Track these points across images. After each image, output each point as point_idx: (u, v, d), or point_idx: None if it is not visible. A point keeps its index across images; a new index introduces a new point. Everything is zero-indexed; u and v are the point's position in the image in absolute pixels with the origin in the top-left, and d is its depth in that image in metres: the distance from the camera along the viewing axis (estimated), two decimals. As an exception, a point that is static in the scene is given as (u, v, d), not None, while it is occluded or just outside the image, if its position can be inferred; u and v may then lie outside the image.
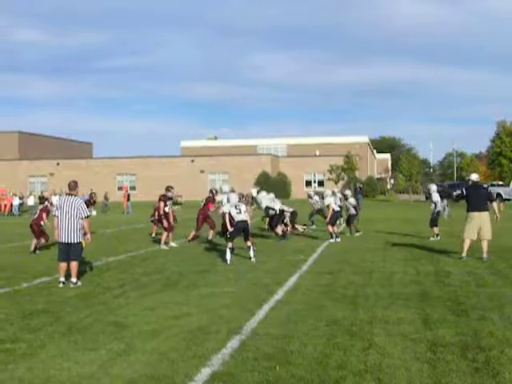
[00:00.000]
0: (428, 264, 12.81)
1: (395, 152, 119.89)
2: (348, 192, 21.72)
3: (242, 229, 13.88)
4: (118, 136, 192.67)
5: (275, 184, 56.18)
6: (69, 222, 10.71)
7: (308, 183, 67.48)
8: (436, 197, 18.97)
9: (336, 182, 60.48)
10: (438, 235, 18.49)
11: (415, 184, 66.38)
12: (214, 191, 20.48)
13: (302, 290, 9.79)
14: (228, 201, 14.96)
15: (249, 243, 13.87)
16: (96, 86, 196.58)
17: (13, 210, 42.65)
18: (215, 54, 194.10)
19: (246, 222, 13.92)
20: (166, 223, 17.15)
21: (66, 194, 11.21)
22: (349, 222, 21.09)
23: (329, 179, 61.59)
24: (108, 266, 13.14)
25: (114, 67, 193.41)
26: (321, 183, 65.78)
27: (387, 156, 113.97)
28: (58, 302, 8.99)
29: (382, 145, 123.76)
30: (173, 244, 17.33)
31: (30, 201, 43.54)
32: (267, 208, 19.54)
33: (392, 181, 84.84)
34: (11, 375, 5.62)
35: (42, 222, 16.45)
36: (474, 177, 14.28)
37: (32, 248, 16.13)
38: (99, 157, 76.05)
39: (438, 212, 18.95)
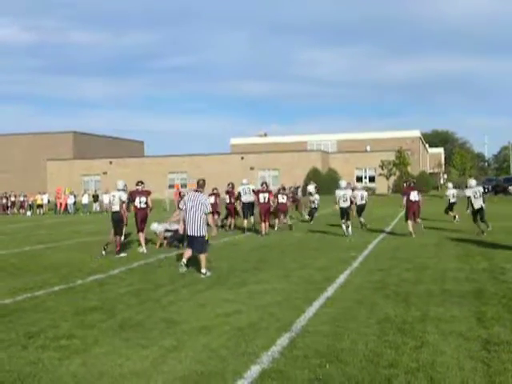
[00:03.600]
0: (483, 260, 12.52)
1: (448, 146, 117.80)
2: (311, 188, 24.66)
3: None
4: (169, 134, 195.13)
5: (325, 180, 55.81)
6: (193, 217, 11.56)
7: (359, 179, 66.83)
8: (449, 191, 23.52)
9: (387, 178, 59.75)
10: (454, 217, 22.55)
11: (469, 178, 64.97)
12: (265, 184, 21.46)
13: (353, 287, 9.70)
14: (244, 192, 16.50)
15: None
16: (147, 85, 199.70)
17: (68, 208, 43.65)
18: (265, 51, 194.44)
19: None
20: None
21: (194, 191, 12.08)
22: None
23: (380, 175, 60.85)
24: (159, 263, 13.30)
25: (165, 67, 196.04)
26: (372, 179, 65.09)
27: (440, 150, 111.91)
28: (110, 299, 9.15)
29: (434, 139, 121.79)
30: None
31: (85, 199, 44.46)
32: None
33: (445, 175, 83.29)
34: (66, 370, 5.74)
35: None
36: None
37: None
38: (151, 155, 77.15)
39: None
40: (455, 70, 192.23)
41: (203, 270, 11.41)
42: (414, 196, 18.80)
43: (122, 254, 14.97)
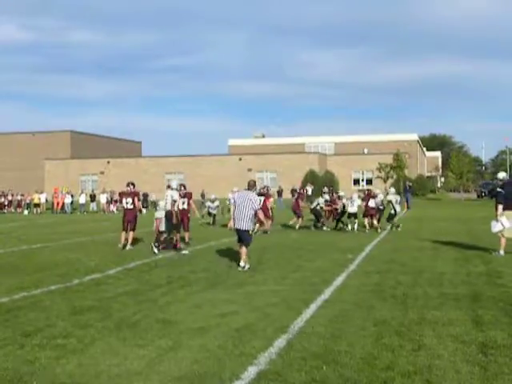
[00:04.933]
0: (480, 264, 12.54)
1: (446, 150, 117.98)
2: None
3: None
4: (167, 135, 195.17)
5: (323, 182, 55.84)
6: (241, 213, 12.64)
7: (356, 181, 66.91)
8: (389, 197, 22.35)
9: (385, 181, 59.79)
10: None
11: (466, 182, 65.08)
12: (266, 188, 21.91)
13: (350, 290, 9.70)
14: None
15: None
16: (146, 85, 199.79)
17: (65, 207, 43.58)
18: (264, 52, 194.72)
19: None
20: None
21: (245, 190, 13.36)
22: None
23: (377, 177, 60.91)
24: (157, 263, 13.30)
25: (164, 67, 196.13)
26: (369, 181, 65.14)
27: (437, 154, 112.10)
28: (107, 299, 9.14)
29: (432, 142, 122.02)
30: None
31: (82, 199, 44.40)
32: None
33: (442, 179, 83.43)
34: (63, 370, 5.73)
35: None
36: (501, 175, 14.77)
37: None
38: (148, 155, 77.09)
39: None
40: (454, 73, 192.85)
41: (242, 263, 12.31)
42: (372, 203, 21.56)
43: (184, 252, 15.29)
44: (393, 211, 22.04)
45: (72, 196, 45.00)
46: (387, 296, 9.10)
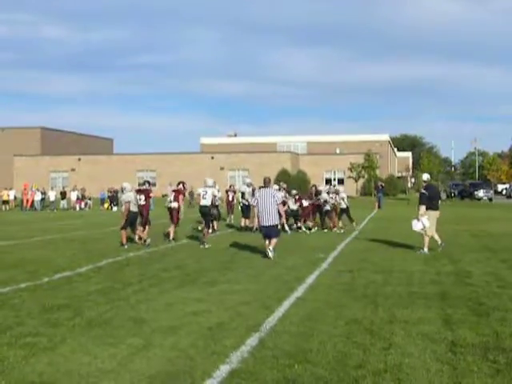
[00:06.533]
0: (449, 264, 12.70)
1: (416, 150, 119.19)
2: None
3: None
4: (139, 132, 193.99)
5: (295, 182, 56.01)
6: (267, 209, 13.64)
7: (328, 181, 67.24)
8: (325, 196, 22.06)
9: (356, 180, 60.25)
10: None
11: (436, 183, 65.87)
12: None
13: (322, 288, 9.75)
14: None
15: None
16: (118, 82, 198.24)
17: (35, 204, 43.07)
18: (237, 51, 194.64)
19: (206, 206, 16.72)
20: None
21: (261, 187, 14.42)
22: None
23: (349, 177, 61.34)
24: (128, 262, 13.22)
25: (137, 64, 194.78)
26: (341, 181, 65.53)
27: (408, 154, 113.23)
28: (78, 297, 9.05)
29: (403, 143, 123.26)
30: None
31: (52, 196, 43.92)
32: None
33: (413, 179, 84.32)
34: (32, 369, 5.66)
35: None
36: (425, 177, 15.75)
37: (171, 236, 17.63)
38: (120, 153, 76.54)
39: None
40: (425, 75, 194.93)
41: (270, 247, 13.48)
42: (305, 202, 21.79)
43: (207, 246, 16.08)
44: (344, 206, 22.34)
45: (43, 193, 44.48)
46: (358, 295, 9.17)
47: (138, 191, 17.81)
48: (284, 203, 21.14)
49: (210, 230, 17.94)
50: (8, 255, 14.55)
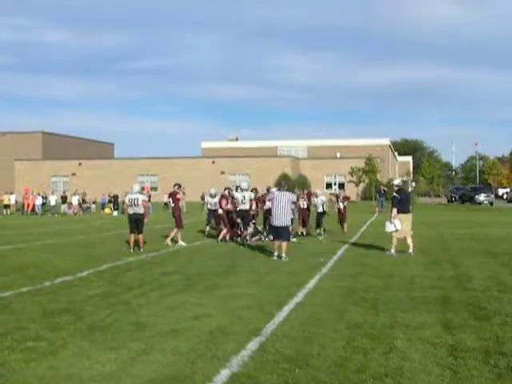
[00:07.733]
0: (449, 268, 12.70)
1: (417, 155, 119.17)
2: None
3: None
4: (140, 137, 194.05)
5: (295, 186, 56.01)
6: (282, 211, 14.13)
7: (328, 185, 67.28)
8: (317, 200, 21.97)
9: (357, 185, 60.25)
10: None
11: (437, 187, 65.88)
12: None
13: (323, 293, 9.76)
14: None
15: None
16: (119, 87, 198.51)
17: (36, 209, 43.04)
18: (239, 55, 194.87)
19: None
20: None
21: (278, 190, 15.34)
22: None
23: (350, 181, 61.33)
24: (129, 266, 13.22)
25: (138, 68, 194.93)
26: (341, 185, 65.55)
27: (409, 159, 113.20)
28: (79, 301, 9.06)
29: (404, 147, 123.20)
30: (182, 243, 17.98)
31: (53, 200, 43.89)
32: None
33: (413, 183, 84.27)
34: (33, 373, 5.67)
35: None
36: (397, 182, 16.31)
37: (221, 237, 18.49)
38: (121, 157, 76.60)
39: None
40: (425, 79, 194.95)
41: (284, 255, 13.95)
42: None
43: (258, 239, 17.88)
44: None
45: (44, 198, 44.46)
46: (359, 299, 9.17)
47: (170, 195, 18.69)
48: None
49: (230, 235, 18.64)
50: (9, 259, 14.55)
